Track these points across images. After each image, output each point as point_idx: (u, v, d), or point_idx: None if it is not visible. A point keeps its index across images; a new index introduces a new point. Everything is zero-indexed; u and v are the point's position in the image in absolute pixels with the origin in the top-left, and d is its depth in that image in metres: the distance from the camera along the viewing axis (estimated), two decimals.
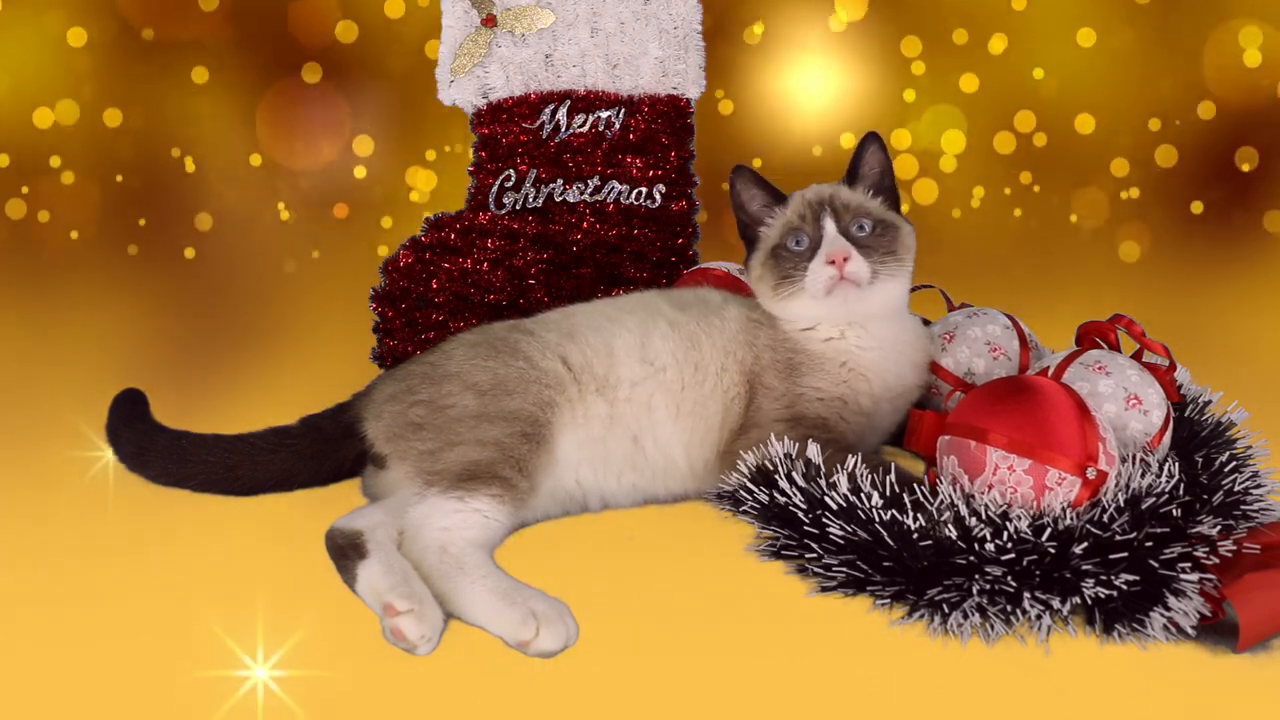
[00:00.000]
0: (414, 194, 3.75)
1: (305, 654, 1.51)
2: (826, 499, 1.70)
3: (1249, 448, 1.87)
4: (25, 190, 3.64)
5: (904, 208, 2.15)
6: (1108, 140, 3.71)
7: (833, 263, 1.91)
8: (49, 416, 2.38)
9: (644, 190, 2.57)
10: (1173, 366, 2.03)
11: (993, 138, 3.76)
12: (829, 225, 1.95)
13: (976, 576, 1.56)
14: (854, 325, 1.98)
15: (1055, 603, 1.53)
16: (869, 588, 1.62)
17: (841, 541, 1.65)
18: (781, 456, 1.81)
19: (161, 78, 3.68)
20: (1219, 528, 1.62)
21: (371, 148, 3.75)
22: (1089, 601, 1.53)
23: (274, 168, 3.70)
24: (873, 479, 1.72)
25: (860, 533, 1.64)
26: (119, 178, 3.72)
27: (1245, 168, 3.66)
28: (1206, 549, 1.58)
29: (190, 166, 3.70)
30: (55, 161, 3.64)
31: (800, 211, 1.99)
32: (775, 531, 1.75)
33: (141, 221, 3.70)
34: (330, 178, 3.76)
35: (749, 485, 1.82)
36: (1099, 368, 1.90)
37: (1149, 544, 1.57)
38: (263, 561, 1.77)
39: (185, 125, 3.71)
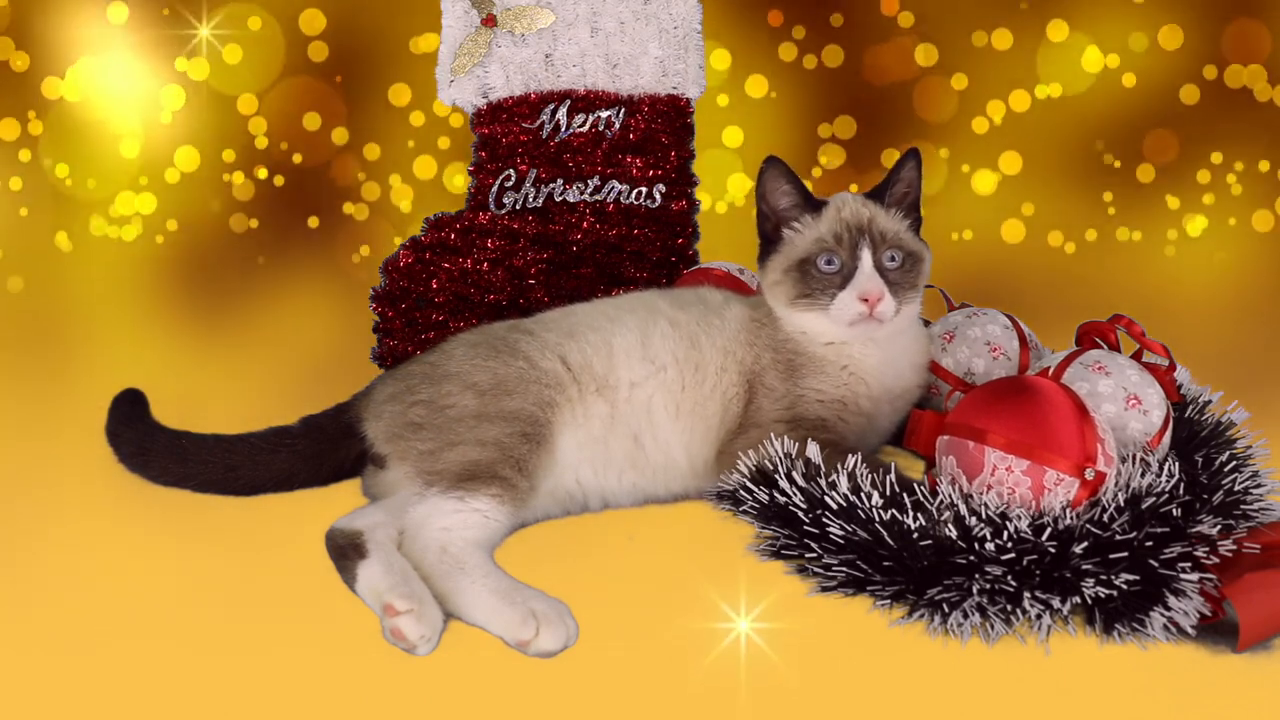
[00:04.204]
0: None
1: (300, 654, 1.51)
2: (826, 499, 1.70)
3: (1249, 448, 1.87)
4: None
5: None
6: None
7: (865, 299, 1.90)
8: None
9: (644, 190, 2.57)
10: (1172, 366, 2.03)
11: None
12: (866, 258, 1.92)
13: (976, 576, 1.56)
14: None
15: (1055, 602, 1.53)
16: (869, 587, 1.62)
17: (841, 541, 1.65)
18: (781, 456, 1.81)
19: None
20: (1219, 527, 1.62)
21: None
22: (1089, 601, 1.53)
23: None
24: (873, 479, 1.72)
25: (860, 532, 1.64)
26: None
27: None
28: (1206, 549, 1.58)
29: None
30: None
31: (837, 232, 1.95)
32: (775, 531, 1.75)
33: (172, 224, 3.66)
34: None
35: (749, 485, 1.82)
36: (1099, 368, 1.90)
37: (1149, 544, 1.57)
38: (262, 561, 1.77)
39: None
